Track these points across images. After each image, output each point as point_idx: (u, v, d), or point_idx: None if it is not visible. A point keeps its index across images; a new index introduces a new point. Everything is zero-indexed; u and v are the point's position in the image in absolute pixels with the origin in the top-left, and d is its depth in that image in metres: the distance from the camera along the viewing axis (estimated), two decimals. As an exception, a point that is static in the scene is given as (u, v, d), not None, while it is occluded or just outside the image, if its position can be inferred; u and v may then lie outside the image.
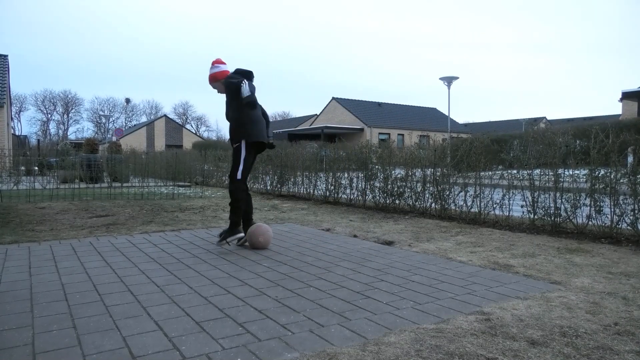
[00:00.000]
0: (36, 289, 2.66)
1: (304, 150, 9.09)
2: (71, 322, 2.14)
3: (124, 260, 3.43)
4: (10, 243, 4.05)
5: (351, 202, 7.45)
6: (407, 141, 32.55)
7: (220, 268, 3.23)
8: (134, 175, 13.62)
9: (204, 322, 2.15)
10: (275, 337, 1.98)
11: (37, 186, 9.49)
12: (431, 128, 39.72)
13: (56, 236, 4.41)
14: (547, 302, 2.45)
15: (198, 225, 5.21)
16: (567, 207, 4.66)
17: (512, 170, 5.35)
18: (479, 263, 3.42)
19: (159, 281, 2.87)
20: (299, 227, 5.16)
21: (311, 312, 2.31)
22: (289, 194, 9.11)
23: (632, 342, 1.93)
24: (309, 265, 3.35)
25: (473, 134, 6.42)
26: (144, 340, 1.93)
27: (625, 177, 4.28)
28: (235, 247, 4.00)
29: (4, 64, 21.85)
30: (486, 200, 5.47)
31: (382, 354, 1.80)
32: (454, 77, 22.28)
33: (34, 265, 3.23)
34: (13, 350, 1.82)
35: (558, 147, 4.85)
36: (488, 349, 1.85)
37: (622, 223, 4.27)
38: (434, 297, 2.57)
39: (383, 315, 2.27)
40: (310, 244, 4.18)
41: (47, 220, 5.41)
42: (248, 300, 2.49)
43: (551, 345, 1.89)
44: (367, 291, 2.69)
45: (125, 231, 4.76)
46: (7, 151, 11.08)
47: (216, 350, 1.84)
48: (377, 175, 7.05)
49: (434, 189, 6.11)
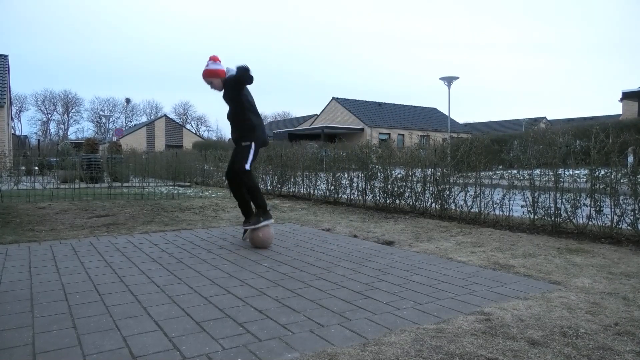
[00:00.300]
0: (36, 289, 2.66)
1: (304, 150, 9.09)
2: (71, 322, 2.14)
3: (124, 260, 3.43)
4: (11, 243, 4.05)
5: (351, 202, 7.45)
6: (407, 141, 32.56)
7: (221, 268, 3.23)
8: (134, 175, 13.63)
9: (204, 322, 2.15)
10: (275, 337, 1.98)
11: (38, 186, 9.49)
12: (431, 128, 39.71)
13: (56, 236, 4.41)
14: (547, 302, 2.45)
15: (198, 225, 5.21)
16: (567, 207, 4.66)
17: (513, 170, 5.35)
18: (479, 263, 3.42)
19: (159, 281, 2.87)
20: (299, 227, 5.16)
21: (311, 312, 2.31)
22: (289, 194, 9.11)
23: (632, 342, 1.93)
24: (309, 265, 3.35)
25: (473, 134, 6.42)
26: (144, 340, 1.93)
27: (625, 177, 4.28)
28: (236, 247, 4.00)
29: (4, 63, 21.86)
30: (486, 201, 5.47)
31: (383, 354, 1.80)
32: (454, 77, 22.29)
33: (34, 265, 3.23)
34: (13, 350, 1.82)
35: (558, 147, 4.85)
36: (488, 349, 1.85)
37: (622, 223, 4.27)
38: (434, 297, 2.57)
39: (383, 315, 2.27)
40: (311, 244, 4.18)
41: (48, 220, 5.41)
42: (248, 301, 2.49)
43: (551, 346, 1.89)
44: (368, 291, 2.69)
45: (125, 231, 4.76)
46: (8, 151, 11.09)
47: (216, 351, 1.84)
48: (377, 175, 7.05)
49: (434, 189, 6.10)
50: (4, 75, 20.57)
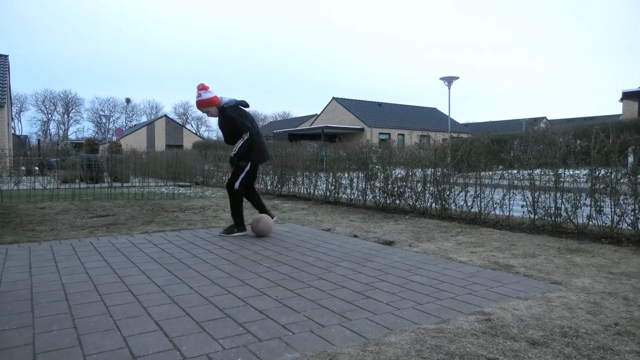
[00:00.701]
0: (37, 289, 2.66)
1: (304, 150, 9.09)
2: (72, 322, 2.14)
3: (124, 260, 3.43)
4: (11, 243, 4.05)
5: (351, 202, 7.45)
6: (407, 141, 32.56)
7: (221, 268, 3.23)
8: (134, 175, 13.63)
9: (204, 322, 2.15)
10: (275, 337, 1.98)
11: (38, 186, 9.49)
12: (431, 128, 39.71)
13: (56, 236, 4.41)
14: (547, 303, 2.45)
15: (198, 225, 5.21)
16: (567, 207, 4.66)
17: (513, 170, 5.34)
18: (479, 263, 3.42)
19: (160, 281, 2.87)
20: (299, 227, 5.16)
21: (312, 312, 2.31)
22: (290, 194, 9.11)
23: (632, 342, 1.93)
24: (310, 265, 3.35)
25: (473, 134, 6.41)
26: (145, 340, 1.93)
27: (625, 177, 4.28)
28: (236, 247, 4.00)
29: (5, 64, 21.86)
30: (486, 201, 5.47)
31: (383, 354, 1.80)
32: (454, 77, 22.27)
33: (35, 265, 3.23)
34: (13, 350, 1.82)
35: (558, 147, 4.85)
36: (489, 349, 1.85)
37: (622, 223, 4.26)
38: (435, 297, 2.57)
39: (383, 315, 2.27)
40: (311, 244, 4.18)
41: (48, 220, 5.41)
42: (248, 301, 2.49)
43: (552, 346, 1.89)
44: (368, 291, 2.69)
45: (125, 231, 4.76)
46: (8, 151, 11.09)
47: (216, 351, 1.84)
48: (377, 175, 7.05)
49: (435, 189, 6.10)
50: (4, 76, 20.57)
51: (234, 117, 4.50)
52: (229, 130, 4.58)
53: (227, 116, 4.51)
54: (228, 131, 4.60)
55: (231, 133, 4.58)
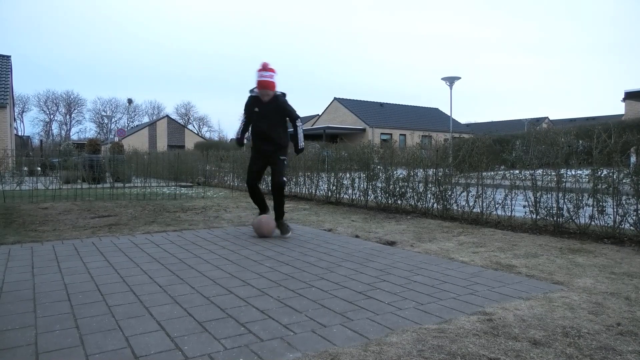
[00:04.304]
0: (39, 289, 2.67)
1: (306, 151, 9.09)
2: (74, 322, 2.15)
3: (126, 261, 3.44)
4: (13, 243, 4.06)
5: (353, 203, 7.45)
6: (409, 141, 32.54)
7: (223, 268, 3.23)
8: (136, 175, 13.65)
9: (206, 322, 2.15)
10: (277, 337, 1.98)
11: (40, 186, 9.51)
12: (433, 128, 39.67)
13: (59, 236, 4.42)
14: (549, 303, 2.45)
15: (200, 226, 5.22)
16: (569, 207, 4.65)
17: (515, 170, 5.34)
18: (481, 263, 3.41)
19: (161, 281, 2.87)
20: (301, 228, 5.16)
21: (313, 313, 2.31)
22: (291, 194, 9.11)
23: (634, 342, 1.93)
24: (311, 265, 3.35)
25: (475, 134, 6.41)
26: (147, 340, 1.94)
27: (628, 177, 4.27)
28: (238, 247, 4.01)
29: (7, 64, 21.92)
30: (488, 201, 5.46)
31: (384, 354, 1.80)
32: (456, 77, 22.23)
33: (37, 266, 3.24)
34: (16, 350, 1.83)
35: (560, 147, 4.85)
36: (490, 349, 1.85)
37: (624, 223, 4.26)
38: (436, 298, 2.56)
39: (385, 315, 2.27)
40: (312, 244, 4.18)
41: (50, 221, 5.42)
42: (250, 301, 2.49)
43: (553, 346, 1.88)
44: (369, 291, 2.69)
45: (127, 231, 4.77)
46: (10, 152, 11.12)
47: (218, 351, 1.84)
48: (379, 175, 7.04)
49: (436, 189, 6.10)
50: (7, 76, 20.63)
51: (288, 106, 4.61)
52: (278, 119, 4.61)
53: (281, 103, 4.58)
54: (276, 120, 4.61)
55: (277, 122, 4.61)
